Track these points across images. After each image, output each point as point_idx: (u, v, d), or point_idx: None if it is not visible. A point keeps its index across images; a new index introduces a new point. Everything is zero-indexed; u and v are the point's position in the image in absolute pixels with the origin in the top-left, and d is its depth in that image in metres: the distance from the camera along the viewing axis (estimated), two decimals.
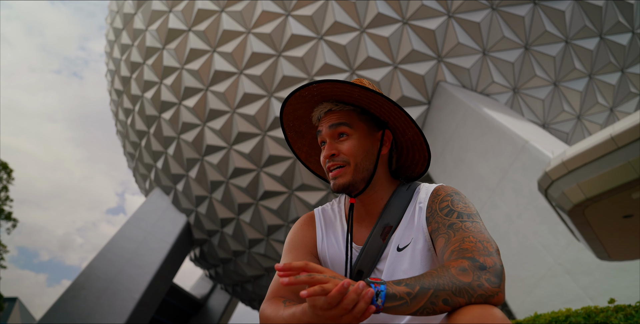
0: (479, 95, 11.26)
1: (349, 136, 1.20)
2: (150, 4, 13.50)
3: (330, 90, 1.20)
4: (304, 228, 1.31)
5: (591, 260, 6.42)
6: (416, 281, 0.87)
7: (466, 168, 9.53)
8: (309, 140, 1.38)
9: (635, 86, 12.83)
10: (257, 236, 14.14)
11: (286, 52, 11.79)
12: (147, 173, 15.94)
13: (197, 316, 20.35)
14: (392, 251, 1.16)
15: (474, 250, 0.95)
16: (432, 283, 0.87)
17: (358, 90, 1.18)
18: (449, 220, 1.09)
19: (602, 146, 4.39)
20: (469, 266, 0.91)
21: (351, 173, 1.18)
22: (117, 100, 15.81)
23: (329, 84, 1.17)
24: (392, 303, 0.85)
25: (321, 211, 1.35)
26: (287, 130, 1.35)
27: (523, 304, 7.27)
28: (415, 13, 11.11)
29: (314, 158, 1.41)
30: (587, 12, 11.63)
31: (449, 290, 0.87)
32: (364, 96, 1.20)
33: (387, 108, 1.22)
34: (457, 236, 1.03)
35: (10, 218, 14.86)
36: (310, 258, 1.24)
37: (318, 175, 1.42)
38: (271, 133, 12.41)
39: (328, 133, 1.22)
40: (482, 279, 0.89)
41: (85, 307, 11.92)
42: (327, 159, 1.20)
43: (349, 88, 1.17)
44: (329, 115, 1.24)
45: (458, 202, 1.14)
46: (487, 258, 0.93)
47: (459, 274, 0.89)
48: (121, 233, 13.74)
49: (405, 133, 1.28)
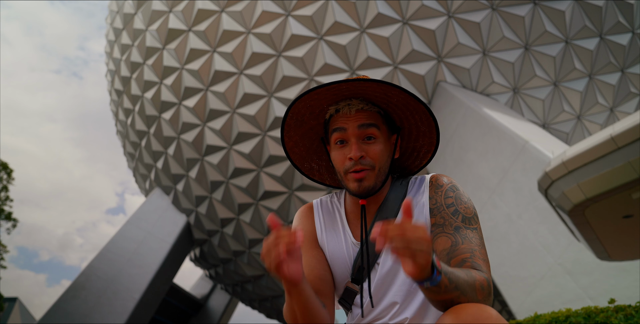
0: (479, 95, 11.26)
1: (376, 139, 1.18)
2: (151, 4, 13.50)
3: (364, 87, 1.16)
4: (303, 220, 1.31)
5: (591, 260, 6.42)
6: (454, 279, 0.93)
7: (466, 168, 9.53)
8: (304, 130, 1.32)
9: (635, 86, 12.83)
10: (257, 236, 14.14)
11: (286, 52, 11.79)
12: (147, 173, 15.95)
13: (197, 316, 20.35)
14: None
15: (485, 271, 1.04)
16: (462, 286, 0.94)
17: (403, 96, 1.17)
18: (455, 221, 1.12)
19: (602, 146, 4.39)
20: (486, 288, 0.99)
21: (374, 177, 1.17)
22: (117, 100, 15.81)
23: (375, 84, 1.13)
24: (434, 288, 0.91)
25: (320, 203, 1.34)
26: (288, 117, 1.27)
27: (523, 304, 7.27)
28: (416, 13, 11.11)
29: (299, 149, 1.35)
30: (587, 12, 11.63)
31: (464, 300, 0.94)
32: (401, 102, 1.19)
33: (417, 118, 1.24)
34: (464, 244, 1.08)
35: (10, 218, 14.86)
36: (315, 252, 1.25)
37: (295, 166, 1.38)
38: (271, 133, 12.41)
39: (356, 133, 1.17)
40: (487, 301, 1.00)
41: (85, 307, 11.92)
42: (355, 160, 1.15)
43: (396, 92, 1.16)
44: (358, 114, 1.19)
45: (461, 201, 1.16)
46: (491, 284, 1.03)
47: (478, 291, 0.97)
48: (121, 233, 13.74)
49: (416, 141, 1.30)
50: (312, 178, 1.40)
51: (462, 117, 10.06)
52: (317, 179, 1.40)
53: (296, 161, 1.37)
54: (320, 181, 1.41)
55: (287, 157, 1.36)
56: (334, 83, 1.14)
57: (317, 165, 1.39)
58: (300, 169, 1.38)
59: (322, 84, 1.15)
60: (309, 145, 1.35)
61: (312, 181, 1.28)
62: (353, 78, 1.14)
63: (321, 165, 1.39)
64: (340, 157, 1.19)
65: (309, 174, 1.39)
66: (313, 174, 1.39)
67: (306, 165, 1.38)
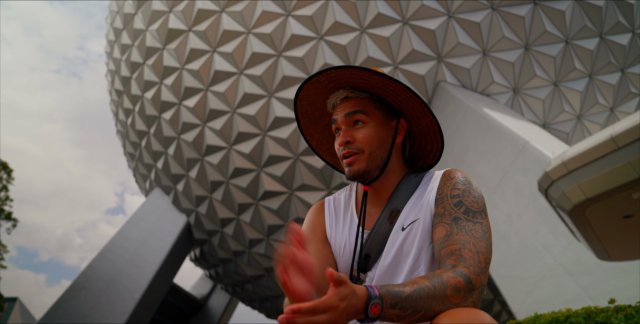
0: (479, 95, 11.26)
1: (365, 124, 1.20)
2: (151, 4, 13.50)
3: (348, 77, 1.19)
4: (314, 217, 1.32)
5: (591, 260, 6.42)
6: (411, 303, 0.89)
7: (466, 168, 9.53)
8: (322, 128, 1.37)
9: (635, 86, 12.83)
10: (257, 236, 14.14)
11: (286, 52, 11.79)
12: (147, 173, 15.95)
13: (197, 316, 20.35)
14: (395, 231, 1.17)
15: (470, 264, 0.99)
16: (425, 305, 0.90)
17: (376, 78, 1.17)
18: (456, 212, 1.10)
19: (603, 146, 4.39)
20: (463, 288, 0.94)
21: (365, 161, 1.18)
22: (118, 100, 15.81)
23: (347, 70, 1.16)
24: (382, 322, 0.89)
25: (332, 199, 1.35)
26: (300, 116, 1.33)
27: (523, 305, 7.27)
28: (416, 13, 11.11)
29: (325, 146, 1.40)
30: (587, 12, 11.63)
31: (439, 311, 0.91)
32: (381, 83, 1.19)
33: (403, 97, 1.22)
34: (459, 235, 1.05)
35: (10, 218, 14.87)
36: (321, 246, 1.25)
37: (328, 163, 1.43)
38: (271, 133, 12.42)
39: (344, 120, 1.21)
40: (468, 301, 0.95)
41: (85, 307, 11.92)
42: (342, 146, 1.19)
43: (367, 75, 1.16)
44: (345, 103, 1.23)
45: (469, 195, 1.14)
46: (477, 278, 0.98)
47: (452, 296, 0.93)
48: (121, 233, 13.74)
49: (420, 123, 1.28)
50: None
51: (462, 117, 10.06)
52: None
53: (327, 158, 1.42)
54: None
55: (319, 157, 1.41)
56: (312, 76, 1.19)
57: None
58: (335, 167, 1.41)
59: (306, 78, 1.20)
60: (332, 140, 1.39)
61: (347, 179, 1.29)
62: (330, 67, 1.18)
63: None
64: (335, 146, 1.23)
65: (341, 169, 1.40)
66: None
67: (338, 161, 1.40)
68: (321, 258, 1.22)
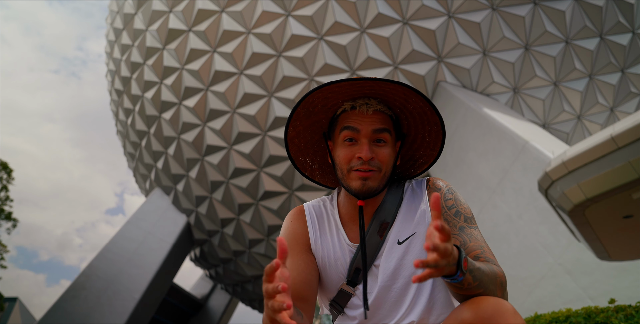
0: (479, 95, 11.26)
1: (386, 143, 1.19)
2: (151, 4, 13.50)
3: (387, 89, 1.16)
4: (294, 224, 1.29)
5: (591, 260, 6.41)
6: (479, 276, 0.95)
7: (466, 168, 9.53)
8: (310, 122, 1.29)
9: (635, 86, 12.83)
10: (257, 236, 14.15)
11: (286, 52, 11.79)
12: (147, 173, 15.95)
13: (197, 316, 20.35)
14: (391, 245, 1.17)
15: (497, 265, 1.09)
16: (487, 283, 0.98)
17: (424, 105, 1.19)
18: (459, 221, 1.16)
19: (603, 146, 4.39)
20: (504, 282, 1.05)
21: (379, 180, 1.17)
22: (118, 100, 15.81)
23: (399, 86, 1.14)
24: (456, 284, 0.94)
25: (311, 207, 1.32)
26: (301, 105, 1.23)
27: (523, 305, 7.27)
28: (416, 13, 11.11)
29: (300, 141, 1.32)
30: (587, 12, 11.62)
31: (489, 294, 0.98)
32: (420, 109, 1.21)
33: (427, 128, 1.25)
34: (472, 242, 1.11)
35: (10, 218, 14.87)
36: (305, 256, 1.22)
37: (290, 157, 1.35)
38: (271, 133, 12.41)
39: (369, 135, 1.17)
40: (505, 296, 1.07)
41: (85, 307, 11.92)
42: (366, 161, 1.15)
43: (417, 99, 1.18)
44: (374, 116, 1.19)
45: (460, 203, 1.20)
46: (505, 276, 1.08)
47: (498, 287, 1.02)
48: (121, 233, 13.74)
49: (417, 150, 1.32)
50: (303, 173, 1.38)
51: (462, 117, 10.06)
52: (307, 174, 1.38)
53: (293, 152, 1.33)
54: (310, 177, 1.39)
55: (285, 146, 1.33)
56: (359, 79, 1.13)
57: (311, 160, 1.37)
58: (294, 161, 1.36)
59: (347, 78, 1.14)
60: (310, 138, 1.33)
61: (302, 175, 1.27)
62: (379, 77, 1.14)
63: (315, 160, 1.37)
64: (347, 154, 1.17)
65: (301, 168, 1.37)
66: (305, 168, 1.37)
67: (301, 158, 1.35)
68: (304, 268, 1.19)
